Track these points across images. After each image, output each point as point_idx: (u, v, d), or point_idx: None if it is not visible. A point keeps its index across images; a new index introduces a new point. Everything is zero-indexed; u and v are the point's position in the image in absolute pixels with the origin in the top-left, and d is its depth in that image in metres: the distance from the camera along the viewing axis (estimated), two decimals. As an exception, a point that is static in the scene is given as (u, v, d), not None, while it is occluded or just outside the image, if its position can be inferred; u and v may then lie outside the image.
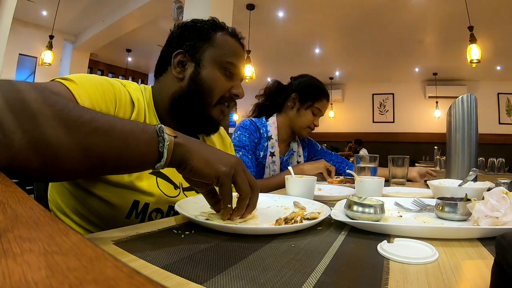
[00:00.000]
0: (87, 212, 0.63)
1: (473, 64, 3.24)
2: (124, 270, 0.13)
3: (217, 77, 0.72)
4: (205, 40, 0.73)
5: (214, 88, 0.71)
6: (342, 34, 4.81)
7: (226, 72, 0.73)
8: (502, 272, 0.23)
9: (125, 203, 0.62)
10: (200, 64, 0.71)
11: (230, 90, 0.74)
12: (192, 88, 0.71)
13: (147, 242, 0.41)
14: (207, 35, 0.73)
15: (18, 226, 0.18)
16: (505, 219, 0.47)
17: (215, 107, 0.73)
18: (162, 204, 0.67)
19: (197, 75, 0.71)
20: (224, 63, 0.72)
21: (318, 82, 1.47)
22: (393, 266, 0.35)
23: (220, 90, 0.72)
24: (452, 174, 1.20)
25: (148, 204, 0.65)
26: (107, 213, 0.62)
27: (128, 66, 6.79)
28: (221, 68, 0.72)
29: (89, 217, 0.63)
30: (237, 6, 3.40)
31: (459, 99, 1.21)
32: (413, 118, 6.65)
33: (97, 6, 4.34)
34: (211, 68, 0.71)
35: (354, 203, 0.54)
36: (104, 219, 0.62)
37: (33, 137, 0.34)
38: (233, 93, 0.75)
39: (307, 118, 1.39)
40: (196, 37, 0.73)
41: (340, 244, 0.43)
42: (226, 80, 0.73)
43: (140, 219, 0.65)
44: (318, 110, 1.40)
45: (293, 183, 0.80)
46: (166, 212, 0.68)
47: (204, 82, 0.71)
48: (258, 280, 0.30)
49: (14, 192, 0.26)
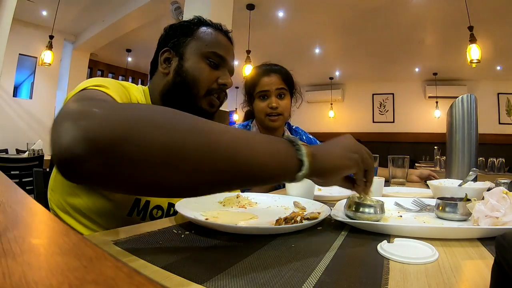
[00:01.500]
0: (88, 210, 0.63)
1: (473, 64, 3.24)
2: (124, 270, 0.13)
3: (200, 67, 0.72)
4: (188, 35, 0.74)
5: (198, 78, 0.71)
6: (342, 34, 4.81)
7: (210, 62, 0.73)
8: (502, 272, 0.23)
9: (127, 201, 0.64)
10: (183, 57, 0.73)
11: (218, 80, 0.74)
12: (177, 80, 0.72)
13: (147, 242, 0.41)
14: (190, 31, 0.75)
15: (18, 226, 0.18)
16: (505, 219, 0.47)
17: (204, 99, 0.73)
18: (163, 201, 0.69)
19: (180, 67, 0.72)
20: (207, 54, 0.73)
21: (252, 71, 1.34)
22: (393, 266, 0.35)
23: (205, 80, 0.72)
24: (452, 174, 1.20)
25: (149, 201, 0.67)
26: (109, 210, 0.63)
27: (128, 66, 6.78)
28: (204, 58, 0.73)
29: (91, 215, 0.63)
30: (237, 6, 3.39)
31: (459, 99, 1.21)
32: (413, 118, 6.64)
33: (97, 6, 4.34)
34: (194, 59, 0.72)
35: (354, 203, 0.54)
36: (105, 216, 0.63)
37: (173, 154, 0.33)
38: (221, 83, 0.74)
39: (258, 108, 1.26)
40: (179, 33, 0.75)
41: (340, 244, 0.43)
42: (212, 70, 0.73)
43: (142, 217, 0.66)
44: (262, 92, 1.25)
45: (293, 183, 0.80)
46: (166, 209, 0.70)
47: (188, 73, 0.71)
48: (258, 280, 0.30)
49: (14, 192, 0.26)
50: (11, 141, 4.44)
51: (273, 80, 1.25)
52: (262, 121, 1.28)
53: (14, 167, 2.57)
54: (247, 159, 0.37)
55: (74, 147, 0.30)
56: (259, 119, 1.30)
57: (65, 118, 0.33)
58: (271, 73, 1.27)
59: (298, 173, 0.41)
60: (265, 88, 1.24)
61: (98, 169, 0.31)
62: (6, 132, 4.53)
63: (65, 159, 0.30)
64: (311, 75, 6.68)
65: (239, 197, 0.69)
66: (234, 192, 0.73)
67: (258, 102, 1.26)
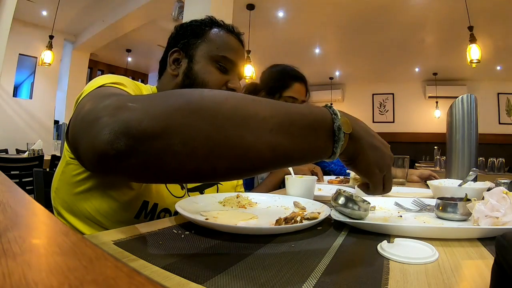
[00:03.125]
0: (96, 212, 0.62)
1: (473, 64, 3.24)
2: (124, 270, 0.13)
3: (210, 71, 0.71)
4: (198, 36, 0.73)
5: (208, 81, 0.70)
6: (342, 34, 4.81)
7: (220, 66, 0.72)
8: (502, 272, 0.23)
9: (135, 203, 0.63)
10: (193, 59, 0.72)
11: (226, 84, 0.73)
12: (186, 82, 0.71)
13: (147, 242, 0.41)
14: (201, 32, 0.73)
15: (18, 226, 0.18)
16: (505, 219, 0.47)
17: None
18: (170, 204, 0.67)
19: (190, 70, 0.71)
20: (217, 57, 0.72)
21: (279, 69, 1.31)
22: (393, 266, 0.35)
23: (214, 84, 0.71)
24: (452, 174, 1.20)
25: (157, 204, 0.65)
26: (117, 213, 0.62)
27: (128, 66, 6.79)
28: (214, 62, 0.72)
29: (98, 216, 0.63)
30: (237, 6, 3.39)
31: (459, 99, 1.21)
32: (413, 118, 6.64)
33: (97, 6, 4.34)
34: (204, 63, 0.71)
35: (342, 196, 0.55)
36: (113, 219, 0.62)
37: (217, 143, 0.32)
38: (230, 87, 0.73)
39: None
40: (190, 34, 0.74)
41: (340, 244, 0.43)
42: (221, 74, 0.72)
43: (149, 219, 0.65)
44: (292, 98, 1.24)
45: (293, 183, 0.80)
46: (173, 212, 0.69)
47: (197, 76, 0.70)
48: (258, 280, 0.30)
49: (14, 192, 0.26)
50: (11, 141, 4.44)
51: (303, 91, 1.28)
52: None
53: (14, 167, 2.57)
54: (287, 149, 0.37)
55: (116, 142, 0.30)
56: None
57: (101, 114, 0.32)
58: (303, 82, 1.29)
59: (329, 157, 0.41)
60: (295, 95, 1.25)
61: (140, 162, 0.31)
62: (6, 132, 4.53)
63: (106, 154, 0.30)
64: (311, 75, 6.63)
65: (239, 197, 0.69)
66: (233, 192, 0.73)
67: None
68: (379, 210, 0.65)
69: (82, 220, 0.64)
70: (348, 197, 0.54)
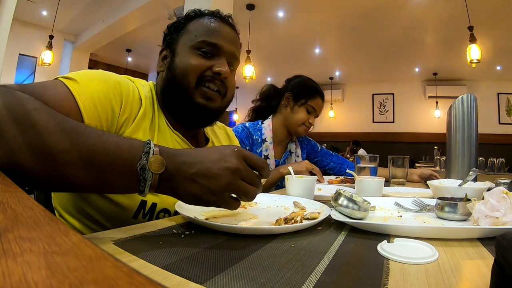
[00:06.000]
0: (94, 212, 0.62)
1: (473, 64, 3.24)
2: (124, 270, 0.13)
3: (188, 59, 0.70)
4: (179, 30, 0.74)
5: (185, 70, 0.69)
6: (342, 34, 4.81)
7: (202, 53, 0.70)
8: (502, 272, 0.23)
9: (132, 203, 0.63)
10: (175, 52, 0.72)
11: (211, 68, 0.70)
12: (169, 76, 0.72)
13: (147, 242, 0.41)
14: (182, 26, 0.75)
15: (18, 226, 0.18)
16: (505, 219, 0.47)
17: (195, 90, 0.70)
18: (169, 204, 0.67)
19: (171, 63, 0.72)
20: (197, 44, 0.70)
21: (312, 81, 1.48)
22: (393, 266, 0.35)
23: (193, 71, 0.69)
24: (452, 174, 1.20)
25: (155, 204, 0.65)
26: (115, 213, 0.62)
27: (128, 66, 6.78)
28: (195, 50, 0.71)
29: (96, 216, 0.63)
30: (237, 6, 3.40)
31: (459, 99, 1.21)
32: (413, 118, 6.64)
33: (97, 6, 4.34)
34: (184, 53, 0.71)
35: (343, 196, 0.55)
36: (111, 219, 0.62)
37: (34, 145, 0.38)
38: (215, 72, 0.70)
39: (301, 115, 1.39)
40: (173, 31, 0.75)
41: (340, 244, 0.43)
42: (203, 60, 0.70)
43: (148, 220, 0.65)
44: (313, 108, 1.41)
45: (293, 183, 0.80)
46: (173, 213, 0.68)
47: (177, 68, 0.70)
48: (258, 280, 0.30)
49: (14, 192, 0.26)
50: (11, 141, 4.43)
51: (321, 107, 1.47)
52: (295, 126, 1.40)
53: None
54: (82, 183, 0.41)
55: None
56: (292, 122, 1.41)
57: None
58: (323, 100, 1.47)
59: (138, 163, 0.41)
60: (318, 108, 1.43)
61: None
62: (6, 132, 4.52)
63: None
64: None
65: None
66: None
67: (304, 111, 1.40)
68: (379, 210, 0.65)
69: (82, 220, 0.64)
70: (348, 197, 0.54)
